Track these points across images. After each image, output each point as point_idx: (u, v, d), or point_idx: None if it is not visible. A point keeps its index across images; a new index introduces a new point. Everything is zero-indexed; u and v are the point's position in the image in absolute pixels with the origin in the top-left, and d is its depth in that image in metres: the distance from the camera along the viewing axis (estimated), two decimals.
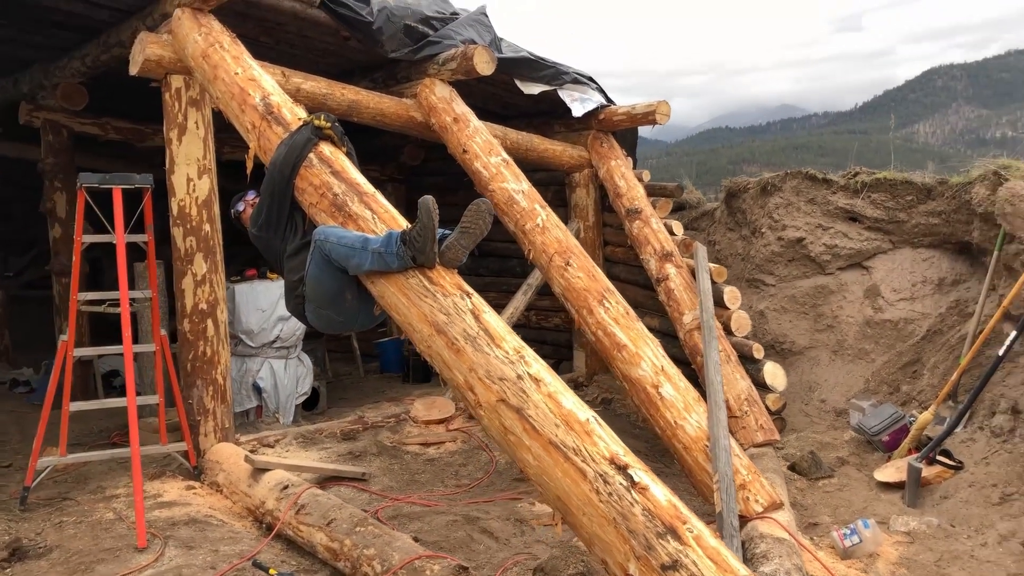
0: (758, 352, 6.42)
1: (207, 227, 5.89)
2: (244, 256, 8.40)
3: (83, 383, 8.56)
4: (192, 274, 5.86)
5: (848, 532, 4.61)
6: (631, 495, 3.04)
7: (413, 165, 10.26)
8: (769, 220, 7.89)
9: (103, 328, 8.73)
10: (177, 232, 5.84)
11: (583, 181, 8.26)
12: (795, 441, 6.34)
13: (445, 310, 3.73)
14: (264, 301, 6.88)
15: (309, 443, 6.43)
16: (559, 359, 9.18)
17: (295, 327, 7.04)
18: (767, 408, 6.11)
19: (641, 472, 3.13)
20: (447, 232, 3.93)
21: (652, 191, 7.84)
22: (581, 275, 5.67)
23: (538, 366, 3.55)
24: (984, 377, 5.36)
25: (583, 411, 3.36)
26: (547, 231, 5.93)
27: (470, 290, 3.86)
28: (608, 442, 3.25)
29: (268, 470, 5.40)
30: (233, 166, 6.69)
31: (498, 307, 8.76)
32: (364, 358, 10.44)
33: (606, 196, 8.12)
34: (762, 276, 7.95)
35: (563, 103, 7.97)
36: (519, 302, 7.94)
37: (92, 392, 8.69)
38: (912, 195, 7.20)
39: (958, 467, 5.33)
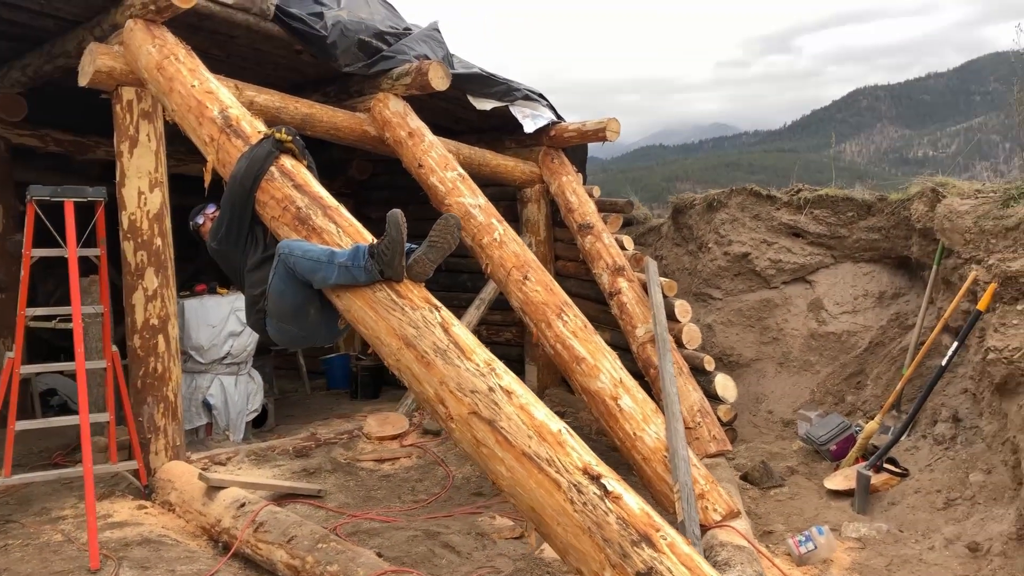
0: (709, 364, 6.55)
1: (158, 241, 5.79)
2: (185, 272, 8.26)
3: (20, 402, 8.26)
4: (143, 289, 5.75)
5: (803, 539, 4.72)
6: (605, 504, 3.09)
7: (361, 179, 10.22)
8: (715, 235, 8.07)
9: (36, 346, 8.52)
10: (128, 246, 5.73)
11: (534, 196, 8.34)
12: (745, 451, 6.47)
13: (414, 323, 3.73)
14: (214, 316, 6.78)
15: (262, 460, 6.34)
16: None
17: (246, 343, 6.94)
18: (719, 419, 6.24)
19: (614, 482, 3.17)
20: (414, 246, 3.94)
21: (603, 207, 7.95)
22: (539, 289, 5.72)
23: (509, 378, 3.57)
24: (928, 387, 5.56)
25: (555, 422, 3.40)
26: (504, 245, 5.98)
27: (438, 304, 3.87)
28: (581, 452, 3.29)
29: (223, 488, 5.31)
30: (177, 180, 6.59)
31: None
32: (310, 375, 10.32)
33: (557, 211, 8.20)
34: (709, 290, 8.11)
35: (514, 119, 8.04)
36: (472, 316, 7.96)
37: (29, 411, 8.41)
38: (853, 211, 7.44)
39: (904, 474, 5.50)
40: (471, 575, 4.56)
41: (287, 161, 4.49)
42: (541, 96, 8.20)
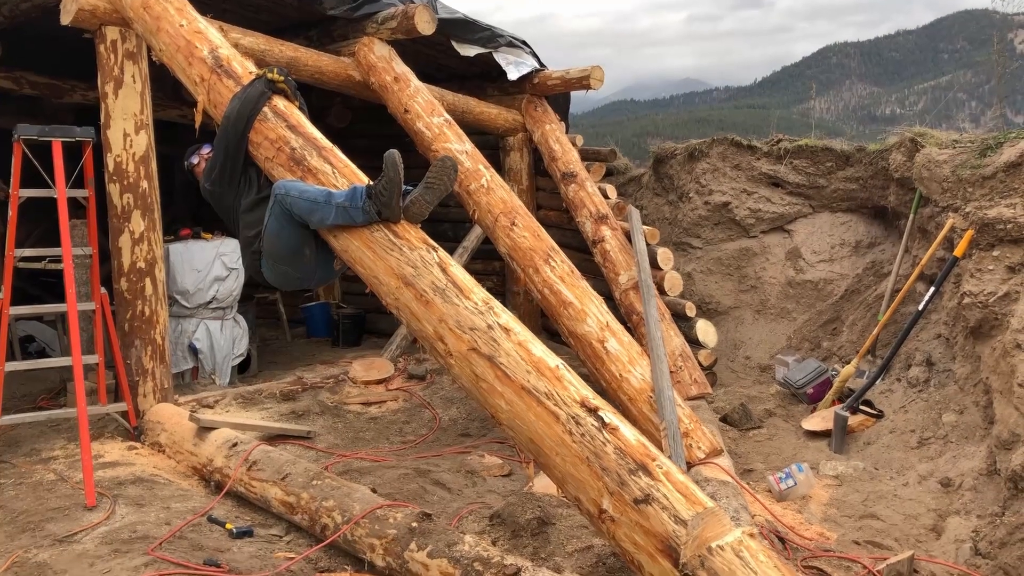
0: (690, 310, 6.68)
1: (145, 184, 5.76)
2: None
3: None
4: (129, 232, 5.74)
5: (783, 476, 4.89)
6: (603, 435, 3.19)
7: (340, 127, 10.14)
8: (696, 185, 8.16)
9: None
10: (113, 188, 5.70)
11: (517, 145, 8.35)
12: (724, 395, 6.63)
13: (412, 263, 3.79)
14: (199, 261, 6.76)
15: (249, 403, 6.40)
16: None
17: (231, 288, 6.95)
18: (699, 363, 6.38)
19: (611, 414, 3.27)
20: (410, 188, 3.98)
21: (586, 155, 7.99)
22: (527, 235, 5.79)
23: (507, 316, 3.65)
24: (904, 332, 5.72)
25: (552, 358, 3.48)
26: (492, 192, 6.02)
27: (435, 244, 3.92)
28: (578, 387, 3.38)
29: (214, 429, 5.37)
30: (156, 126, 6.52)
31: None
32: (290, 323, 10.33)
33: (539, 160, 8.23)
34: (689, 239, 8.22)
35: (496, 66, 8.02)
36: None
37: (9, 357, 8.37)
38: (832, 161, 7.55)
39: (879, 416, 5.69)
40: (462, 510, 4.67)
41: (280, 102, 4.48)
42: (524, 43, 8.18)
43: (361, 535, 4.12)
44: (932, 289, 5.62)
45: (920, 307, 5.65)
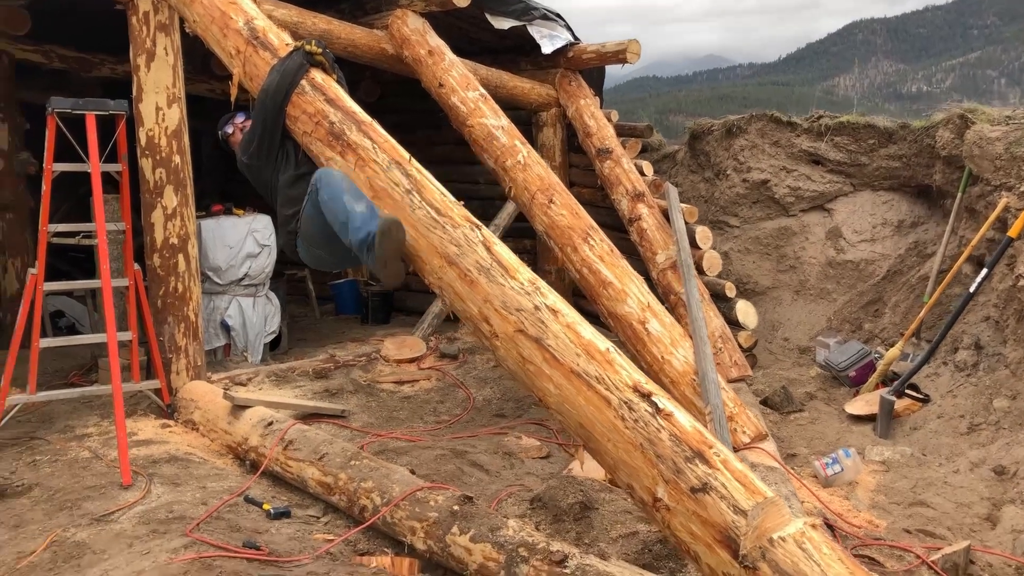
0: (730, 291, 6.54)
1: (177, 158, 5.68)
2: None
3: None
4: (162, 207, 5.67)
5: (830, 461, 4.77)
6: (657, 421, 3.08)
7: (369, 102, 10.03)
8: (734, 162, 7.98)
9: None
10: (146, 163, 5.62)
11: (550, 120, 8.20)
12: (763, 378, 6.50)
13: (456, 242, 3.69)
14: (231, 237, 6.69)
15: (282, 381, 6.34)
16: None
17: (263, 264, 6.89)
18: (739, 345, 6.25)
19: (664, 399, 3.16)
20: None
21: (621, 131, 7.84)
22: (564, 212, 5.66)
23: (554, 297, 3.54)
24: (954, 314, 5.55)
25: (602, 341, 3.37)
26: (529, 168, 5.89)
27: (478, 222, 3.82)
28: (629, 371, 3.27)
29: (248, 407, 5.31)
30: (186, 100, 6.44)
31: None
32: (318, 300, 10.28)
33: (572, 136, 8.09)
34: (726, 218, 8.06)
35: (529, 39, 7.87)
36: None
37: (40, 333, 8.38)
38: (874, 139, 7.35)
39: (925, 400, 5.54)
40: (501, 493, 4.59)
41: (317, 75, 4.38)
42: (559, 16, 8.01)
43: (401, 517, 4.05)
44: (984, 271, 5.45)
45: (972, 289, 5.47)
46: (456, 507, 3.93)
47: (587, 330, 3.41)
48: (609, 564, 3.48)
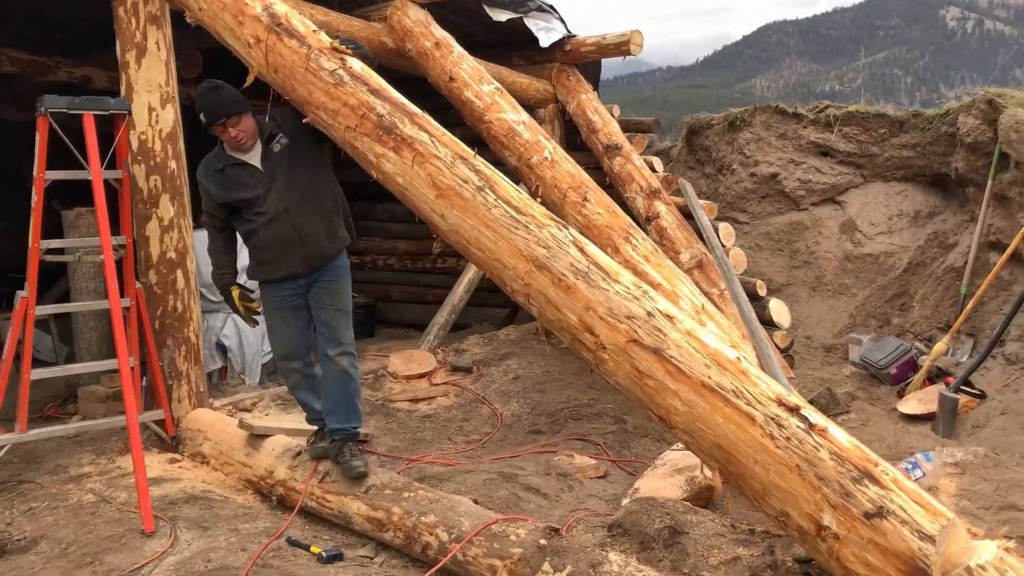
0: (761, 289, 6.24)
1: (173, 164, 5.12)
2: None
3: None
4: (158, 218, 5.10)
5: (910, 466, 4.48)
6: (812, 438, 2.73)
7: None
8: (740, 156, 7.72)
9: None
10: (138, 170, 5.04)
11: (548, 117, 7.82)
12: (796, 379, 6.21)
13: (544, 243, 3.28)
14: None
15: (288, 405, 5.80)
16: (515, 307, 8.80)
17: None
18: (776, 346, 5.95)
19: (815, 413, 2.81)
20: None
21: (626, 127, 7.49)
22: (601, 211, 5.28)
23: (664, 302, 3.17)
24: (1015, 306, 5.33)
25: (730, 350, 3.01)
26: (557, 164, 5.49)
27: (563, 221, 3.42)
28: (768, 382, 2.92)
29: (267, 436, 4.80)
30: None
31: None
32: None
33: (571, 133, 7.72)
34: (734, 214, 7.79)
35: (523, 33, 7.50)
36: None
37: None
38: (885, 128, 7.18)
39: (981, 396, 5.32)
40: (568, 519, 4.17)
41: (355, 63, 3.93)
42: (553, 8, 7.65)
43: (476, 555, 3.61)
44: None
45: None
46: (543, 541, 3.51)
47: (710, 337, 3.05)
48: None
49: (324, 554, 3.81)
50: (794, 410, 2.80)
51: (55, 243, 4.47)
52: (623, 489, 4.53)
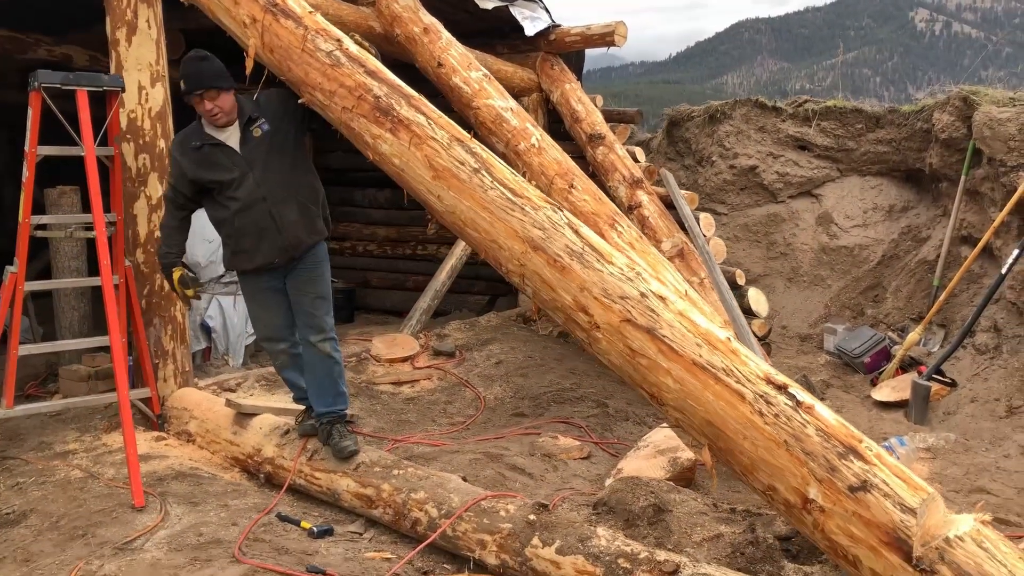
0: (740, 278, 6.35)
1: (162, 143, 5.13)
2: None
3: None
4: (146, 197, 5.11)
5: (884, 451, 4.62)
6: (800, 415, 2.83)
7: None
8: (719, 148, 7.84)
9: None
10: (127, 149, 5.05)
11: (532, 106, 7.87)
12: (773, 367, 6.34)
13: (539, 225, 3.35)
14: (211, 231, 6.06)
15: (273, 385, 5.84)
16: (494, 295, 8.88)
17: None
18: (754, 334, 6.07)
19: (801, 391, 2.91)
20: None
21: (609, 117, 7.58)
22: (587, 198, 5.37)
23: (657, 284, 3.26)
24: (985, 297, 5.50)
25: (720, 330, 3.11)
26: (544, 151, 5.56)
27: (558, 203, 3.49)
28: (757, 361, 3.01)
29: (255, 415, 4.84)
30: None
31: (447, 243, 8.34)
32: None
33: (552, 123, 7.79)
34: (713, 205, 7.91)
35: (507, 22, 7.57)
36: None
37: None
38: (862, 123, 7.33)
39: (952, 384, 5.48)
40: (553, 498, 4.26)
41: (351, 45, 3.97)
42: None
43: (466, 530, 3.70)
44: (1016, 252, 5.39)
45: (1004, 270, 5.41)
46: (532, 516, 3.61)
47: (701, 318, 3.14)
48: (728, 572, 3.22)
49: (315, 529, 3.88)
50: (782, 388, 2.90)
51: (46, 219, 4.47)
52: (606, 470, 4.63)
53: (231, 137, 4.05)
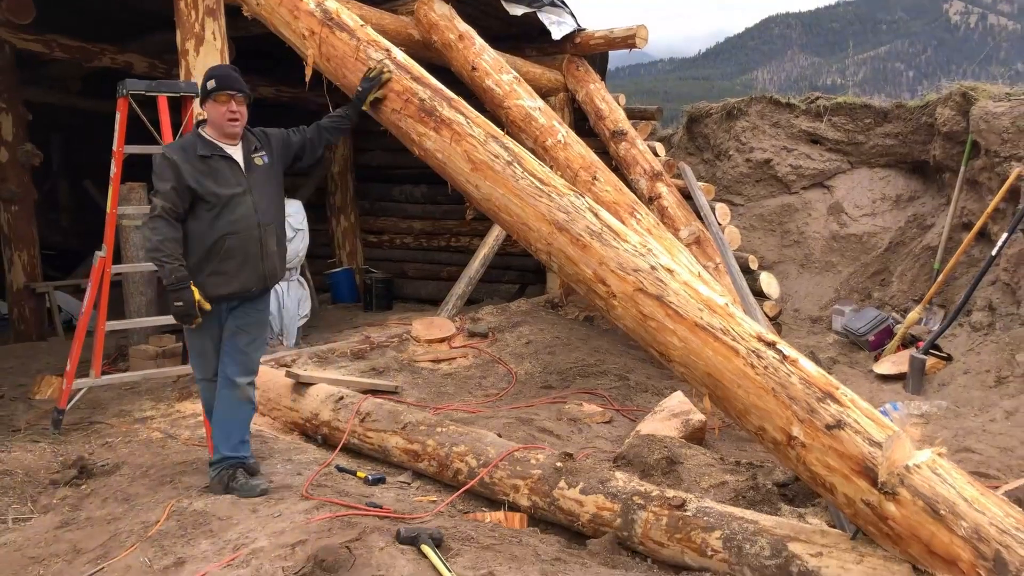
0: (753, 263, 6.84)
1: None
2: None
3: (38, 320, 8.15)
4: None
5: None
6: (785, 367, 3.33)
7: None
8: (736, 143, 8.31)
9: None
10: None
11: (559, 105, 8.40)
12: None
13: (564, 209, 3.88)
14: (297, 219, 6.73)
15: (324, 362, 6.42)
16: (523, 284, 9.41)
17: (297, 248, 6.94)
18: (765, 315, 6.55)
19: (787, 347, 3.41)
20: None
21: (631, 114, 8.09)
22: (609, 189, 5.88)
23: (667, 259, 3.77)
24: (977, 277, 5.94)
25: (720, 297, 3.61)
26: (569, 147, 6.09)
27: (580, 191, 4.01)
28: (750, 323, 3.51)
29: (311, 384, 5.41)
30: None
31: (478, 235, 8.88)
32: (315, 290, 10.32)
33: (580, 120, 8.31)
34: (731, 196, 8.39)
35: (535, 26, 8.08)
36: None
37: (49, 332, 8.31)
38: (870, 118, 7.76)
39: (948, 359, 5.92)
40: (578, 455, 4.76)
41: (399, 54, 4.51)
42: (564, 3, 8.23)
43: (502, 477, 4.22)
44: (1005, 235, 5.84)
45: (993, 252, 5.86)
46: (559, 463, 4.12)
47: (704, 287, 3.65)
48: (726, 507, 3.72)
49: (369, 477, 4.43)
50: (771, 344, 3.40)
51: (130, 209, 5.07)
52: (626, 432, 5.15)
53: (236, 155, 4.02)
